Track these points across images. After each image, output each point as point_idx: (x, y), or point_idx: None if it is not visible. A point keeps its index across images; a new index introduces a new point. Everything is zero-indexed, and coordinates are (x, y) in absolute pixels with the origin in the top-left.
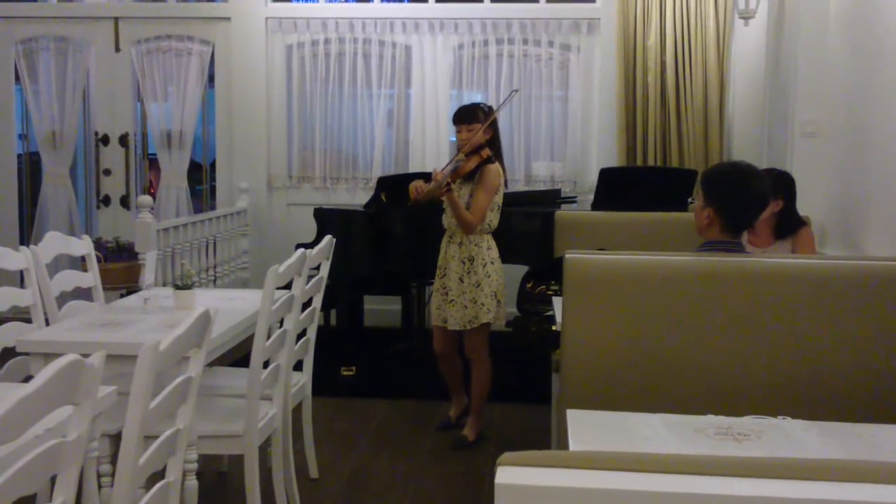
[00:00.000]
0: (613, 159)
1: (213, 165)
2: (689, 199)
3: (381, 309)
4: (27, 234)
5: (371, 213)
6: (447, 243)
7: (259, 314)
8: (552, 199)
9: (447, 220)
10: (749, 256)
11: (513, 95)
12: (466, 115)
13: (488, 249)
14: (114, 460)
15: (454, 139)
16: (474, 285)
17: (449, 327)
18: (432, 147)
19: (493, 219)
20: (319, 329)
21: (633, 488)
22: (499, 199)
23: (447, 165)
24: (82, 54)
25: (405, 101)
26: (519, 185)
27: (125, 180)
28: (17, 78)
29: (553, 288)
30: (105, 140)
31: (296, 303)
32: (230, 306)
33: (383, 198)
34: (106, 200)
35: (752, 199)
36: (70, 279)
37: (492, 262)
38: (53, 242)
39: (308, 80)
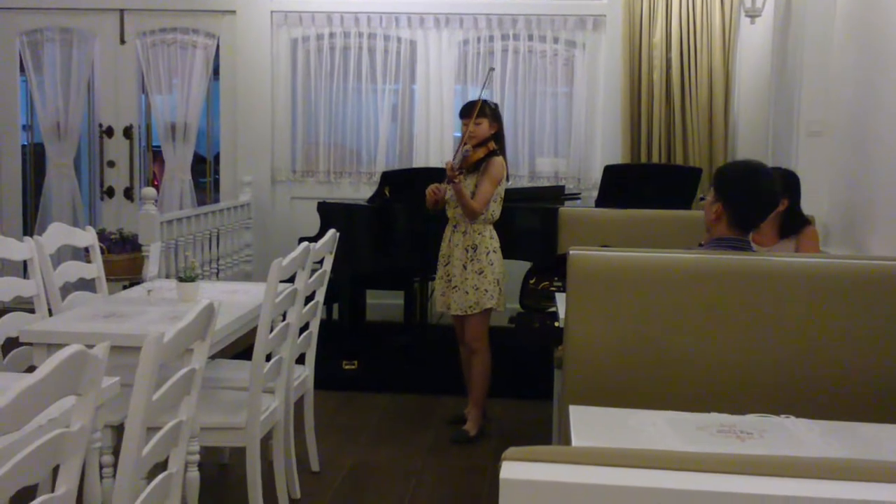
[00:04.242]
0: (618, 156)
1: (216, 158)
2: (701, 197)
3: (383, 303)
4: (31, 224)
5: (374, 207)
6: (451, 232)
7: (262, 307)
8: (556, 195)
9: (451, 210)
10: (753, 255)
11: (491, 74)
12: (473, 110)
13: (491, 238)
14: (116, 451)
15: (458, 134)
16: (477, 272)
17: (452, 312)
18: (436, 142)
19: (496, 209)
20: (322, 323)
21: (637, 484)
22: (501, 190)
23: (455, 155)
24: (87, 46)
25: (409, 96)
26: (523, 181)
27: (129, 172)
28: (22, 69)
29: (556, 284)
30: (109, 132)
31: (299, 296)
32: (233, 299)
33: (387, 192)
34: (110, 192)
35: (761, 197)
36: (73, 270)
37: (494, 251)
38: (57, 233)
39: (313, 74)
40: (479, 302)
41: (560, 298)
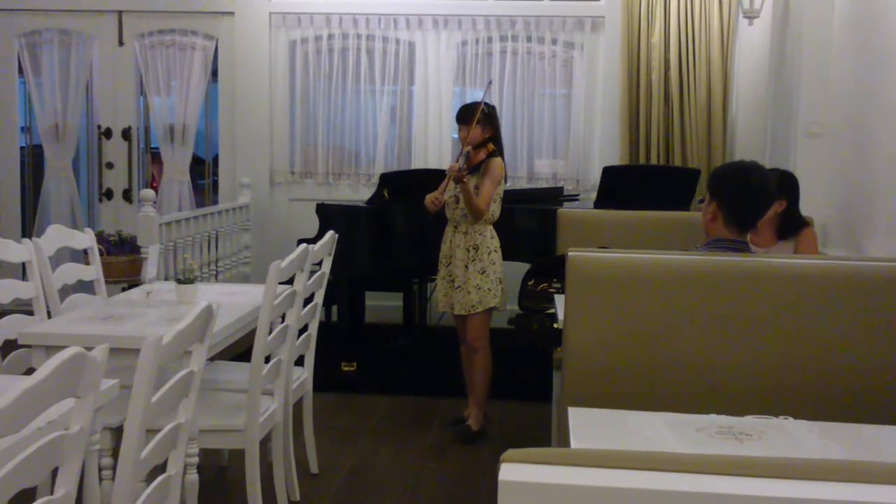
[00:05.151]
0: (616, 157)
1: (215, 160)
2: (700, 200)
3: (382, 305)
4: (29, 226)
5: (373, 209)
6: (452, 233)
7: (261, 309)
8: (555, 196)
9: (450, 212)
10: (751, 256)
11: (490, 87)
12: (468, 115)
13: (491, 238)
14: (115, 454)
15: (456, 136)
16: (479, 272)
17: (455, 312)
18: (434, 143)
19: (496, 209)
20: (321, 325)
21: (636, 486)
22: (500, 190)
23: (458, 158)
24: (86, 48)
25: (408, 98)
26: (521, 183)
27: (128, 174)
28: (21, 71)
29: (555, 285)
30: (108, 133)
31: (297, 298)
32: (232, 301)
33: (385, 194)
34: (108, 194)
35: (754, 196)
36: (72, 272)
37: (495, 251)
38: (56, 235)
39: (311, 75)
40: (482, 301)
41: (559, 300)
